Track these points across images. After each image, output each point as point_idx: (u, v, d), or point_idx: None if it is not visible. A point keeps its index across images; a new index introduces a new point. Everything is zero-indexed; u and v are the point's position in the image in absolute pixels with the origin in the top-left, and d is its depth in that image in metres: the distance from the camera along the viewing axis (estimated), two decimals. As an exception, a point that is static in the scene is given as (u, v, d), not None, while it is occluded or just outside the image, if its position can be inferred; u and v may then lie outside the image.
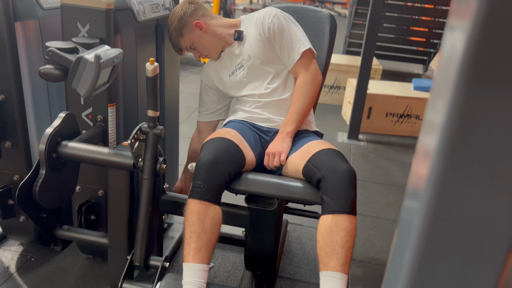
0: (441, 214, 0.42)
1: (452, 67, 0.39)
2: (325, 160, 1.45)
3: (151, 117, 1.44)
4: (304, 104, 1.68)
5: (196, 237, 1.38)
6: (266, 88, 1.75)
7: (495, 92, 0.38)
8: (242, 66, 1.78)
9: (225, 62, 1.82)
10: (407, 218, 0.47)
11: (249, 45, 1.75)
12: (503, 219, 0.41)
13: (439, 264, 0.44)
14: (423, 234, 0.43)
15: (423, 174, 0.43)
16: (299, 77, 1.72)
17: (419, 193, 0.44)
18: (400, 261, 0.47)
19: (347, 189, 1.36)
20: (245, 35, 1.77)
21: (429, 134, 0.44)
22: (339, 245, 1.33)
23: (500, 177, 0.40)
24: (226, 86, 1.83)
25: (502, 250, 0.42)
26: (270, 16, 1.71)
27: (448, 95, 0.39)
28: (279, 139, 1.64)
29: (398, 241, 0.49)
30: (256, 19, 1.75)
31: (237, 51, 1.79)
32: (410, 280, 0.45)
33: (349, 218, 1.35)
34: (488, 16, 0.36)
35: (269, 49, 1.73)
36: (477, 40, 0.37)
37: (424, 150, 0.45)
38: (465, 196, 0.41)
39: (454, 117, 0.39)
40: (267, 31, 1.70)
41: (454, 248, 0.43)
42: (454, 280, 0.44)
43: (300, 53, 1.69)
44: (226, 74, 1.81)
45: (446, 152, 0.40)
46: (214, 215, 1.42)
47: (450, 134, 0.40)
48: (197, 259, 1.36)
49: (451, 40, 0.41)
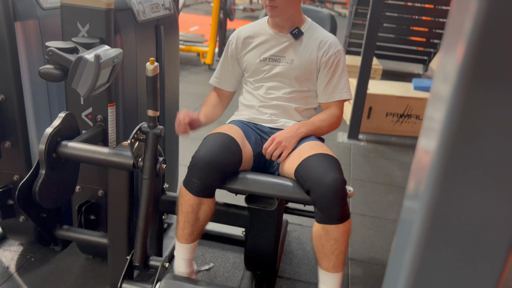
0: (441, 214, 0.42)
1: (452, 68, 0.39)
2: (312, 171, 1.45)
3: (151, 117, 1.43)
4: (322, 128, 1.72)
5: (190, 226, 1.53)
6: (285, 93, 1.73)
7: (495, 92, 0.38)
8: (278, 63, 1.73)
9: (267, 42, 1.75)
10: (407, 218, 0.47)
11: (299, 53, 1.72)
12: (503, 219, 0.41)
13: (439, 264, 0.44)
14: (423, 234, 0.43)
15: (423, 174, 0.43)
16: (331, 110, 1.75)
17: (419, 194, 0.44)
18: (400, 261, 0.47)
19: (334, 201, 1.39)
20: (302, 38, 1.73)
21: (429, 134, 0.44)
22: (329, 252, 1.45)
23: (499, 177, 0.40)
24: (248, 63, 1.77)
25: (502, 250, 0.42)
26: (336, 47, 1.73)
27: (448, 95, 0.39)
28: (292, 132, 1.62)
29: (398, 241, 0.49)
30: (322, 40, 1.73)
31: (284, 45, 1.73)
32: (410, 280, 0.45)
33: (337, 227, 1.42)
34: (488, 16, 0.36)
35: (313, 72, 1.72)
36: (477, 40, 0.37)
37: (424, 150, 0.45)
38: (465, 197, 0.41)
39: (454, 117, 0.39)
40: (326, 59, 1.71)
41: (454, 248, 0.43)
42: (454, 280, 0.44)
43: (341, 98, 1.74)
44: (257, 54, 1.75)
45: (446, 152, 0.40)
46: (207, 207, 1.52)
47: (450, 134, 0.40)
48: (189, 241, 1.56)
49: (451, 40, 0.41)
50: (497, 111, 0.38)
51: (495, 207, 0.41)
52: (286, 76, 1.72)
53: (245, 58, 1.78)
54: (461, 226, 0.42)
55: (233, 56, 1.81)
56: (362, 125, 3.66)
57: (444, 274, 0.44)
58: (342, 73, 1.74)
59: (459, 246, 0.43)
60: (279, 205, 1.65)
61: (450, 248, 0.43)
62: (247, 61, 1.77)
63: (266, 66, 1.74)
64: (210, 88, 1.92)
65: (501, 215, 0.41)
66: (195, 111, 4.40)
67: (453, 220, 0.42)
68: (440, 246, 0.43)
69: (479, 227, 0.42)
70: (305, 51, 1.72)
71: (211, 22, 5.45)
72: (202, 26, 8.74)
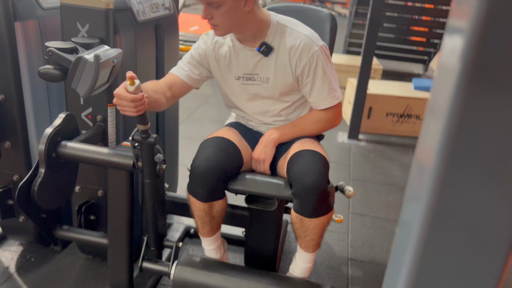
0: (441, 214, 0.42)
1: (452, 67, 0.39)
2: (295, 166, 1.47)
3: (142, 131, 1.36)
4: (307, 132, 1.61)
5: (207, 225, 1.61)
6: (273, 115, 1.64)
7: (495, 92, 0.38)
8: (254, 81, 1.58)
9: (236, 58, 1.56)
10: (407, 218, 0.47)
11: (273, 69, 1.54)
12: (503, 219, 0.41)
13: (439, 264, 0.44)
14: (423, 234, 0.43)
15: (423, 174, 0.43)
16: (321, 112, 1.60)
17: (419, 194, 0.44)
18: (400, 261, 0.47)
19: (311, 198, 1.43)
20: (272, 53, 1.52)
21: (429, 134, 0.44)
22: (302, 235, 1.55)
23: (500, 177, 0.40)
24: (225, 83, 1.62)
25: (502, 250, 0.42)
26: (310, 50, 1.49)
27: (449, 95, 0.39)
28: (262, 144, 1.58)
29: (398, 241, 0.49)
30: (291, 46, 1.49)
31: (254, 60, 1.55)
32: (410, 280, 0.45)
33: (310, 221, 1.48)
34: (488, 16, 0.36)
35: (294, 83, 1.56)
36: (477, 40, 0.37)
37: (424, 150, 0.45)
38: (465, 197, 0.41)
39: (454, 117, 0.39)
40: (301, 69, 1.51)
41: (454, 248, 0.43)
42: (454, 280, 0.44)
43: (328, 106, 1.57)
44: (231, 73, 1.59)
45: (446, 152, 0.40)
46: (219, 206, 1.57)
47: (450, 134, 0.40)
48: (211, 234, 1.66)
49: (451, 40, 0.41)
50: (497, 111, 0.38)
51: (495, 207, 0.41)
52: (268, 96, 1.60)
53: (217, 71, 1.61)
54: (461, 226, 0.42)
55: (207, 56, 1.60)
56: (362, 125, 3.66)
57: (444, 274, 0.44)
58: (324, 77, 1.53)
59: (459, 246, 0.42)
60: (279, 205, 1.65)
61: (450, 248, 0.43)
62: (221, 76, 1.62)
63: (242, 86, 1.60)
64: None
65: (501, 215, 0.41)
66: (195, 111, 4.35)
67: (453, 220, 0.42)
68: (440, 246, 0.43)
69: (479, 227, 0.41)
70: (278, 66, 1.53)
71: (211, 22, 5.43)
72: (202, 26, 8.73)
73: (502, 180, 0.40)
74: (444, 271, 0.44)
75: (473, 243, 0.42)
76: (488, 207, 0.41)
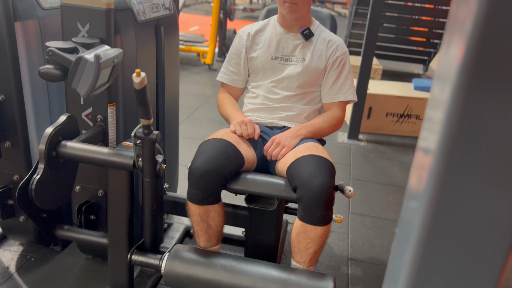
0: (441, 214, 0.42)
1: (452, 67, 0.39)
2: (302, 170, 1.46)
3: (145, 125, 1.39)
4: (323, 130, 1.73)
5: (204, 233, 1.60)
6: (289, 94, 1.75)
7: (495, 92, 0.38)
8: (289, 62, 1.74)
9: (277, 41, 1.75)
10: (407, 218, 0.47)
11: (310, 53, 1.73)
12: (503, 219, 0.41)
13: (439, 264, 0.44)
14: (423, 234, 0.43)
15: (423, 174, 0.43)
16: (333, 111, 1.76)
17: (419, 194, 0.44)
18: (400, 261, 0.47)
19: (318, 204, 1.42)
20: (312, 39, 1.75)
21: (429, 134, 0.44)
22: (303, 248, 1.51)
23: (499, 177, 0.40)
24: (260, 61, 1.75)
25: (502, 250, 0.42)
26: (343, 49, 1.76)
27: (448, 95, 0.39)
28: (292, 133, 1.65)
29: (398, 241, 0.49)
30: (330, 40, 1.76)
31: (295, 44, 1.74)
32: (410, 280, 0.45)
33: (316, 229, 1.46)
34: (488, 16, 0.36)
35: (322, 72, 1.75)
36: (477, 41, 0.37)
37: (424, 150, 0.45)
38: (465, 197, 0.41)
39: (454, 117, 0.39)
40: (333, 59, 1.73)
41: (454, 248, 0.43)
42: (454, 280, 0.44)
43: (346, 99, 1.76)
44: (268, 52, 1.75)
45: (446, 152, 0.40)
46: (215, 212, 1.55)
47: (450, 134, 0.40)
48: (208, 246, 1.64)
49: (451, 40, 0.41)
50: (497, 111, 0.38)
51: (495, 207, 0.41)
52: (295, 76, 1.72)
53: (254, 55, 1.77)
54: (461, 226, 0.42)
55: (241, 51, 1.79)
56: (362, 125, 3.66)
57: (444, 274, 0.44)
58: (348, 75, 1.76)
59: (459, 246, 0.43)
60: (279, 205, 1.65)
61: (450, 248, 0.43)
62: (257, 58, 1.76)
63: (278, 65, 1.74)
64: (210, 88, 1.92)
65: (501, 215, 0.41)
66: (195, 111, 4.37)
67: (453, 220, 0.42)
68: (440, 246, 0.43)
69: (479, 227, 0.42)
70: (315, 51, 1.73)
71: (211, 22, 5.44)
72: (202, 26, 8.74)
73: (502, 180, 0.40)
74: (444, 271, 0.44)
75: (473, 243, 0.42)
76: (488, 207, 0.41)
